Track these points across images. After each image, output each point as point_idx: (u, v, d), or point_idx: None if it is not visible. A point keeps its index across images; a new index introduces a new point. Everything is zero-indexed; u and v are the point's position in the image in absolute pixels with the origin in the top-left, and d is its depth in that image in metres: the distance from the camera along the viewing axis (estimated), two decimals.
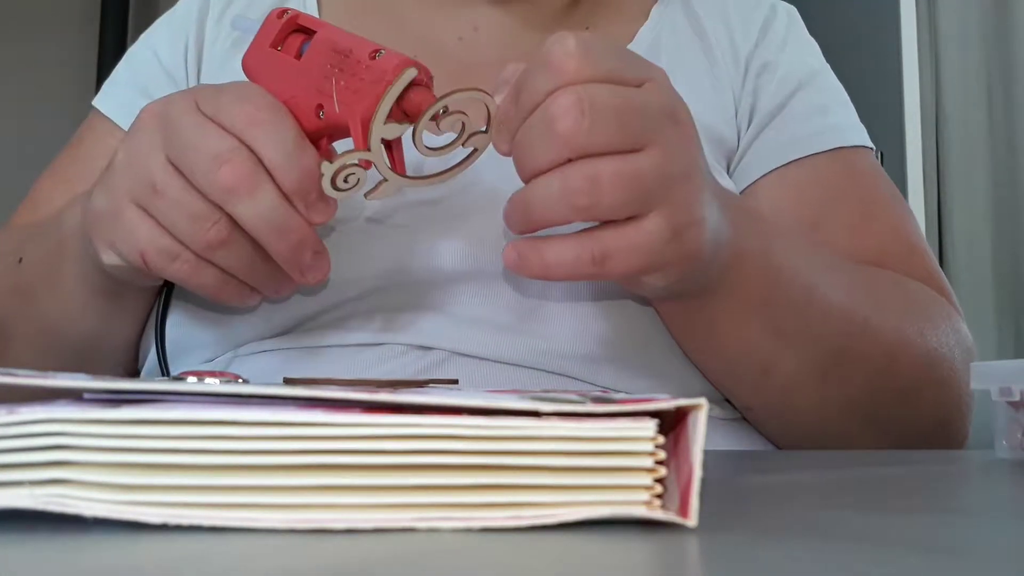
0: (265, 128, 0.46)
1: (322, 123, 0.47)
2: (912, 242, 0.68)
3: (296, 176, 0.46)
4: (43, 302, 0.60)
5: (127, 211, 0.48)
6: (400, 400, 0.27)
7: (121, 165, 0.49)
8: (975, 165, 1.91)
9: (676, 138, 0.45)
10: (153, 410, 0.26)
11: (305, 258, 0.49)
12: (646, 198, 0.44)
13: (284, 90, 0.48)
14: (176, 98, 0.48)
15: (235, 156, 0.45)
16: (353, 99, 0.46)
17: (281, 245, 0.47)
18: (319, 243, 0.49)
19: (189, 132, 0.46)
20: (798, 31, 0.74)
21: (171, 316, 0.60)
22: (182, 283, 0.50)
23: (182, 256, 0.48)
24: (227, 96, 0.47)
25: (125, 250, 0.49)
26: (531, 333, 0.57)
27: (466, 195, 0.60)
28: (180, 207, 0.47)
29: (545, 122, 0.42)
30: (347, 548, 0.24)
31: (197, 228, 0.47)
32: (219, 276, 0.49)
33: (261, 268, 0.49)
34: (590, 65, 0.43)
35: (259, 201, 0.46)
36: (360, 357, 0.58)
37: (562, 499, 0.27)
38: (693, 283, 0.50)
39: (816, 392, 0.58)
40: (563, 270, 0.45)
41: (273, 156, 0.46)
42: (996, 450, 0.50)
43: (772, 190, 0.66)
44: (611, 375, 0.57)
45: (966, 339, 0.64)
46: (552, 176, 0.43)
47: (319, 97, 0.47)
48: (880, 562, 0.24)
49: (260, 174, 0.46)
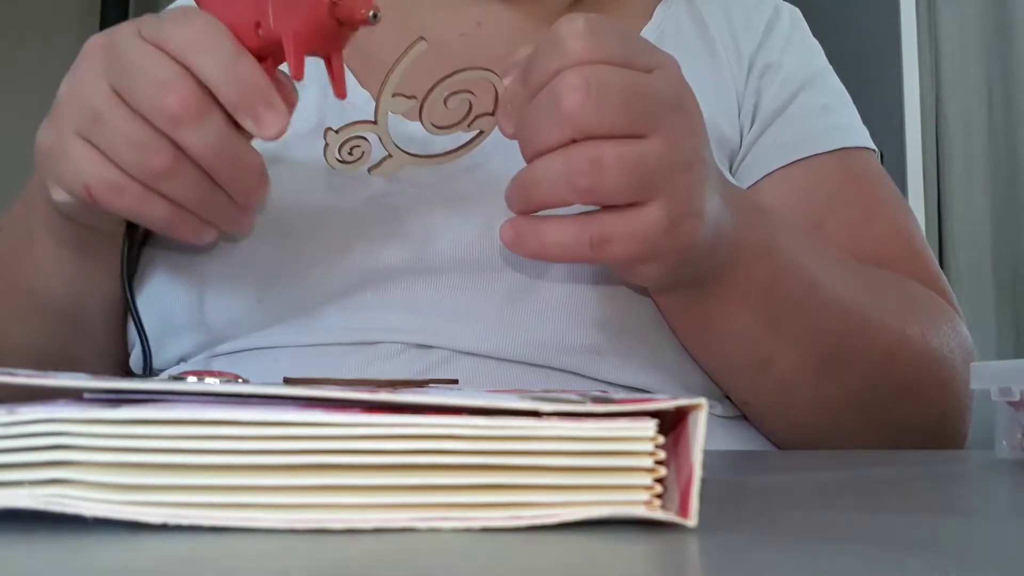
0: (204, 48, 0.45)
1: (262, 41, 0.46)
2: (913, 244, 0.68)
3: (237, 88, 0.45)
4: (21, 262, 0.60)
5: (71, 144, 0.47)
6: (400, 400, 0.27)
7: (65, 98, 0.48)
8: (975, 165, 1.91)
9: (681, 127, 0.45)
10: (153, 410, 0.26)
11: (251, 183, 0.48)
12: (648, 185, 0.44)
13: (225, 13, 0.47)
14: (119, 28, 0.48)
15: (179, 82, 0.45)
16: (287, 14, 0.45)
17: (228, 172, 0.47)
18: (262, 165, 0.49)
19: (132, 59, 0.46)
20: (802, 32, 0.75)
21: (168, 299, 0.59)
22: (132, 217, 0.49)
23: (128, 188, 0.47)
24: (167, 22, 0.46)
25: (71, 184, 0.48)
26: (530, 326, 0.57)
27: (468, 184, 0.60)
28: (125, 136, 0.46)
29: (551, 100, 0.42)
30: (347, 548, 0.24)
31: (143, 156, 0.46)
32: (169, 208, 0.48)
33: (211, 198, 0.48)
34: (599, 47, 0.43)
35: (206, 128, 0.45)
36: (358, 356, 0.57)
37: (562, 499, 0.27)
38: (689, 275, 0.50)
39: (815, 388, 0.58)
40: (560, 251, 0.44)
41: (212, 72, 0.45)
42: (996, 450, 0.50)
43: (774, 190, 0.66)
44: (613, 368, 0.57)
45: (966, 340, 0.64)
46: (555, 156, 0.43)
47: (257, 14, 0.46)
48: (880, 562, 0.24)
49: (205, 100, 0.45)
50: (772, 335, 0.56)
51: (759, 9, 0.73)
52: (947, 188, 1.91)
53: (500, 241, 0.46)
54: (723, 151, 0.67)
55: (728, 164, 0.68)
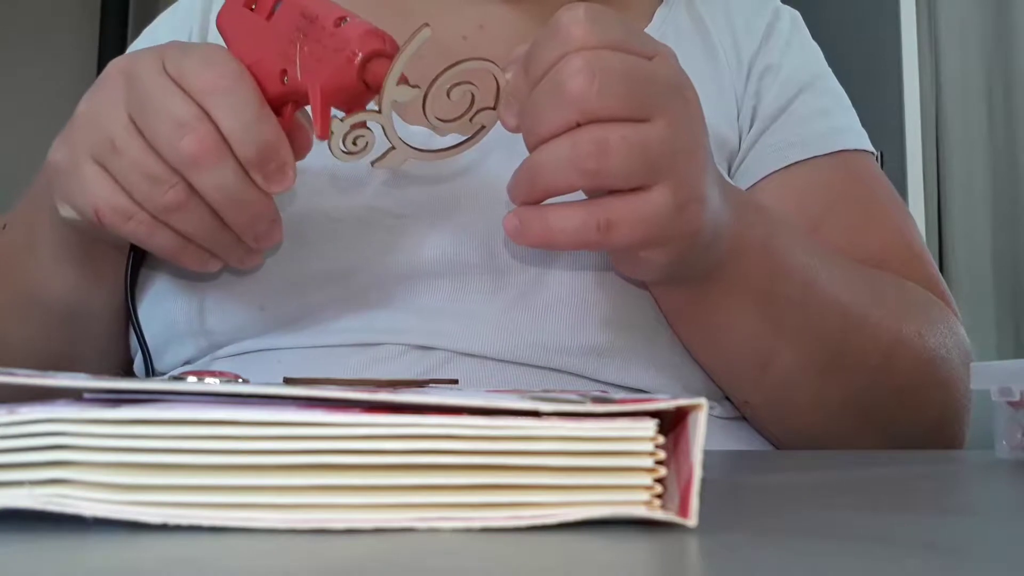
0: (226, 96, 0.45)
1: (286, 88, 0.47)
2: (912, 246, 0.68)
3: (254, 147, 0.46)
4: (22, 263, 0.60)
5: (85, 166, 0.48)
6: (400, 400, 0.27)
7: (83, 119, 0.49)
8: (975, 165, 1.91)
9: (683, 112, 0.45)
10: (153, 410, 0.26)
11: (260, 228, 0.49)
12: (653, 168, 0.44)
13: (251, 52, 0.47)
14: (143, 55, 0.48)
15: (198, 125, 0.45)
16: (316, 66, 0.45)
17: (238, 217, 0.48)
18: (275, 212, 0.50)
19: (153, 93, 0.46)
20: (801, 35, 0.75)
21: (171, 307, 0.59)
22: (139, 243, 0.50)
23: (136, 216, 0.48)
24: (192, 59, 0.47)
25: (80, 205, 0.49)
26: (532, 328, 0.57)
27: (467, 186, 0.60)
28: (138, 168, 0.46)
29: (554, 85, 0.43)
30: (347, 548, 0.24)
31: (154, 190, 0.47)
32: (176, 239, 0.49)
33: (220, 235, 0.49)
34: (599, 32, 0.43)
35: (218, 174, 0.46)
36: (359, 357, 0.57)
37: (562, 499, 0.27)
38: (691, 265, 0.50)
39: (813, 388, 0.58)
40: (566, 236, 0.44)
41: (232, 125, 0.45)
42: (996, 450, 0.50)
43: (773, 192, 0.66)
44: (614, 370, 0.57)
45: (964, 342, 0.64)
46: (561, 140, 0.43)
47: (284, 62, 0.46)
48: (880, 562, 0.24)
49: (221, 146, 0.46)
50: (771, 334, 0.56)
51: (759, 12, 0.73)
52: (947, 188, 1.91)
53: (501, 242, 0.46)
54: (722, 153, 0.67)
55: (727, 166, 0.68)
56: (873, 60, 1.90)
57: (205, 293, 0.60)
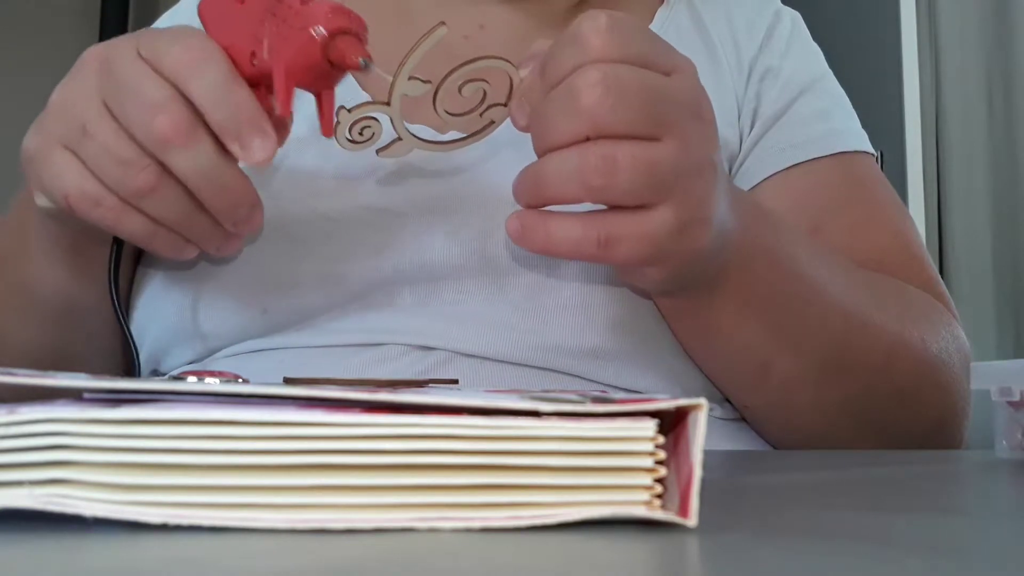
0: (198, 68, 0.45)
1: (256, 70, 0.46)
2: (912, 249, 0.68)
3: (225, 112, 0.45)
4: (16, 257, 0.60)
5: (55, 153, 0.47)
6: (400, 400, 0.27)
7: (56, 107, 0.48)
8: (975, 165, 1.91)
9: (695, 132, 0.45)
10: (153, 410, 0.26)
11: (241, 213, 0.48)
12: (659, 188, 0.44)
13: (226, 36, 0.47)
14: (119, 42, 0.48)
15: (171, 105, 0.45)
16: (280, 45, 0.45)
17: (217, 199, 0.47)
18: (255, 197, 0.49)
19: (127, 77, 0.46)
20: (802, 37, 0.75)
21: (170, 311, 0.59)
22: (108, 229, 0.49)
23: (105, 202, 0.47)
24: (164, 40, 0.46)
25: (51, 192, 0.48)
26: (532, 329, 0.57)
27: (469, 186, 0.60)
28: (109, 152, 0.46)
29: (568, 95, 0.42)
30: (347, 548, 0.24)
31: (124, 173, 0.46)
32: (147, 224, 0.48)
33: (195, 219, 0.48)
34: (620, 45, 0.43)
35: (194, 153, 0.45)
36: (359, 357, 0.57)
37: (562, 499, 0.27)
38: (691, 279, 0.50)
39: (814, 391, 0.58)
40: (566, 247, 0.44)
41: (202, 95, 0.45)
42: (996, 450, 0.50)
43: (773, 194, 0.66)
44: (614, 371, 0.57)
45: (964, 345, 0.64)
46: (569, 152, 0.43)
47: (254, 43, 0.46)
48: (880, 562, 0.24)
49: (196, 125, 0.45)
50: (773, 339, 0.56)
51: (760, 13, 0.73)
52: (947, 188, 1.91)
53: (501, 243, 0.46)
54: (723, 155, 0.67)
55: (727, 168, 0.68)
56: (873, 60, 1.90)
57: (204, 296, 0.60)
